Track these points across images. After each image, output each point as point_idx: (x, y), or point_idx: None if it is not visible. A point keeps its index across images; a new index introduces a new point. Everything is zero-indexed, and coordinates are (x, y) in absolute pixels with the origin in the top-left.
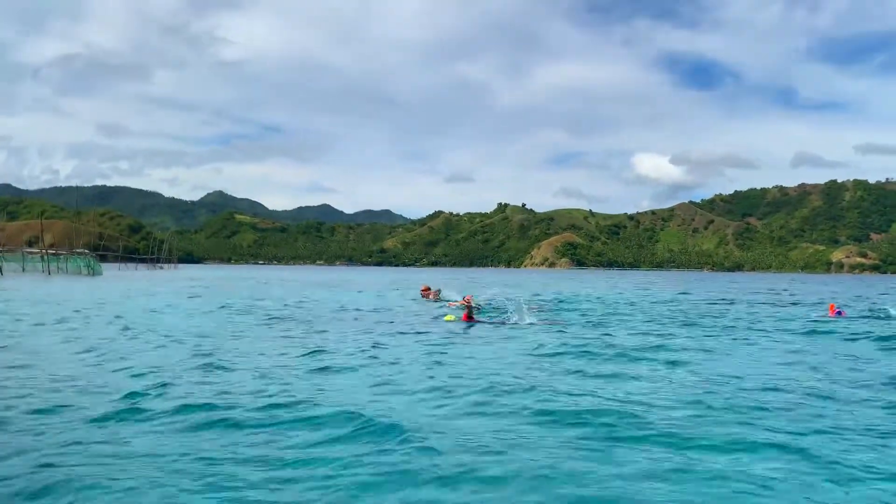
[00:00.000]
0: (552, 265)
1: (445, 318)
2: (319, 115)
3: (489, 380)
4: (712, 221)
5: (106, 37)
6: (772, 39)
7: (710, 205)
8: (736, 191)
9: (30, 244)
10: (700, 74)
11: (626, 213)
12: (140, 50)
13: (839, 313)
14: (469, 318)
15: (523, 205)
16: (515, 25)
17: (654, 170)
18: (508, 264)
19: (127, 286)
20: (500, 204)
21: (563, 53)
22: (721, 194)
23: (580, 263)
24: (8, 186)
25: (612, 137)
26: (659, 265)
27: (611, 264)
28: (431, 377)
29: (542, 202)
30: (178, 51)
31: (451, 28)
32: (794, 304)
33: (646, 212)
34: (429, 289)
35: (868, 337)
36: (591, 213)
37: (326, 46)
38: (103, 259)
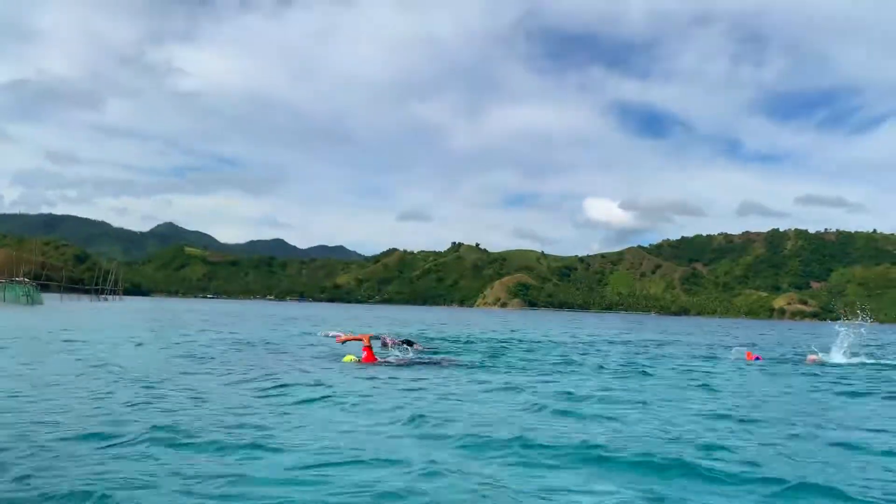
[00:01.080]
0: (504, 305)
1: (344, 359)
2: (275, 150)
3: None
4: (660, 266)
5: (58, 63)
6: (719, 93)
7: (658, 250)
8: (683, 237)
9: None
10: (651, 123)
11: (576, 256)
12: (93, 78)
13: (757, 359)
14: (372, 359)
15: (477, 244)
16: (473, 69)
17: (604, 214)
18: (461, 303)
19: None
20: (455, 243)
21: (519, 97)
22: (669, 240)
23: (532, 304)
24: None
25: (565, 181)
26: (609, 307)
27: (562, 305)
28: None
29: (495, 242)
30: (132, 80)
31: (409, 69)
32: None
33: (596, 255)
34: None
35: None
36: (543, 255)
37: (284, 82)
38: (46, 289)
